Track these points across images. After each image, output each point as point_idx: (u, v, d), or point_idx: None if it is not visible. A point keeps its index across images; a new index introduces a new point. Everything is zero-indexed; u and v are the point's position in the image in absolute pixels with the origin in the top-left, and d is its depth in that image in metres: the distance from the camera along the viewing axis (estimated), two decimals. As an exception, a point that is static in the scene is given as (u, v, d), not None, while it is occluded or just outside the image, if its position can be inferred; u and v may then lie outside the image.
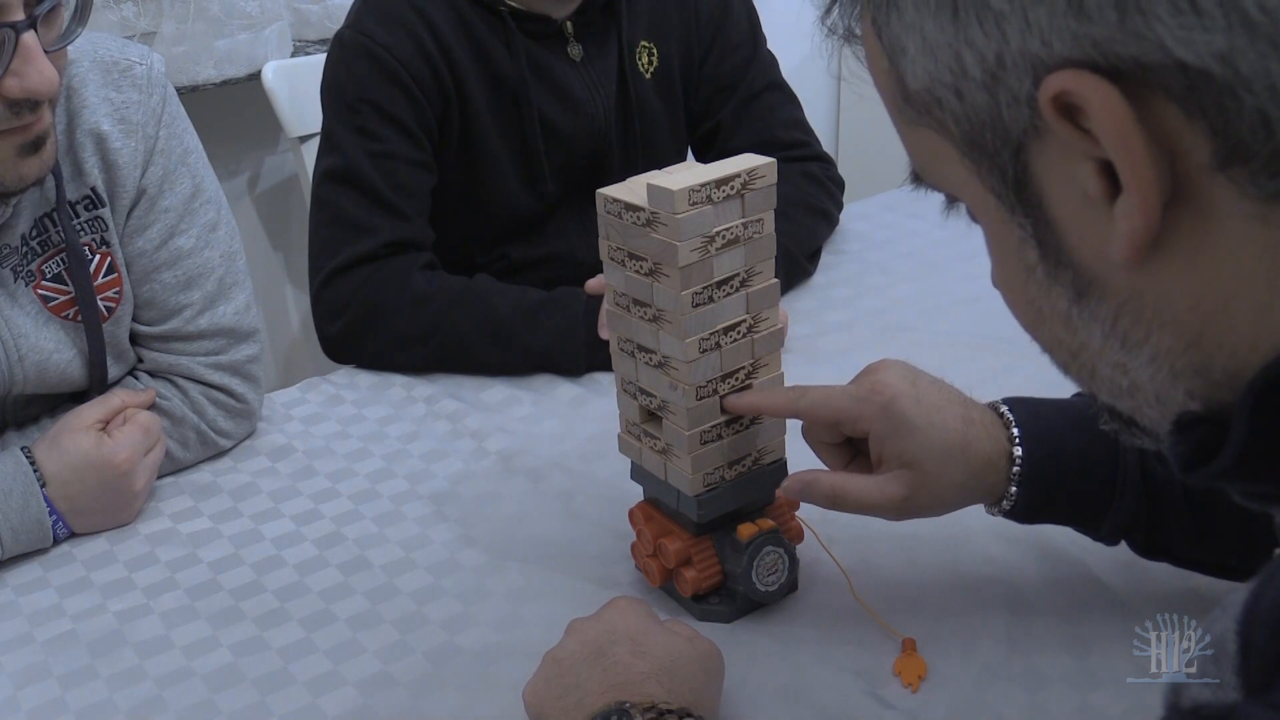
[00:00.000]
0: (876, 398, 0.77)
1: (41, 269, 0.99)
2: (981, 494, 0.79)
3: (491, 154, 1.32)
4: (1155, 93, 0.38)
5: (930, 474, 0.76)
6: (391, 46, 1.24)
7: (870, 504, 0.78)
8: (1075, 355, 0.48)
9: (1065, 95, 0.39)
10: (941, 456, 0.76)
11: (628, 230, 0.77)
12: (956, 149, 0.46)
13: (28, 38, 0.83)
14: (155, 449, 1.02)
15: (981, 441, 0.77)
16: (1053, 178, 0.43)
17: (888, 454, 0.78)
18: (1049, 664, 0.78)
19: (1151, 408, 0.47)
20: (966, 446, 0.77)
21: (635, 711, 0.65)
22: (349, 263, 1.23)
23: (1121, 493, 0.77)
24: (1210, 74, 0.37)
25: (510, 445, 1.09)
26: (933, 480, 0.77)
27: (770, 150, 0.87)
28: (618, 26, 1.35)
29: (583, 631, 0.73)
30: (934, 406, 0.77)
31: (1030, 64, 0.40)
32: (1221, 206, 0.39)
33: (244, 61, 1.74)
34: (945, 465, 0.76)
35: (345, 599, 0.90)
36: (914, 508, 0.78)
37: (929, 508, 0.79)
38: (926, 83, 0.45)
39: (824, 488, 0.79)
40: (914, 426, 0.76)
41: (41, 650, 0.86)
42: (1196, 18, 0.37)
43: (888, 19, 0.45)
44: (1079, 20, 0.39)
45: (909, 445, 0.76)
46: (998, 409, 0.79)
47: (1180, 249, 0.41)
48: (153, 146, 1.03)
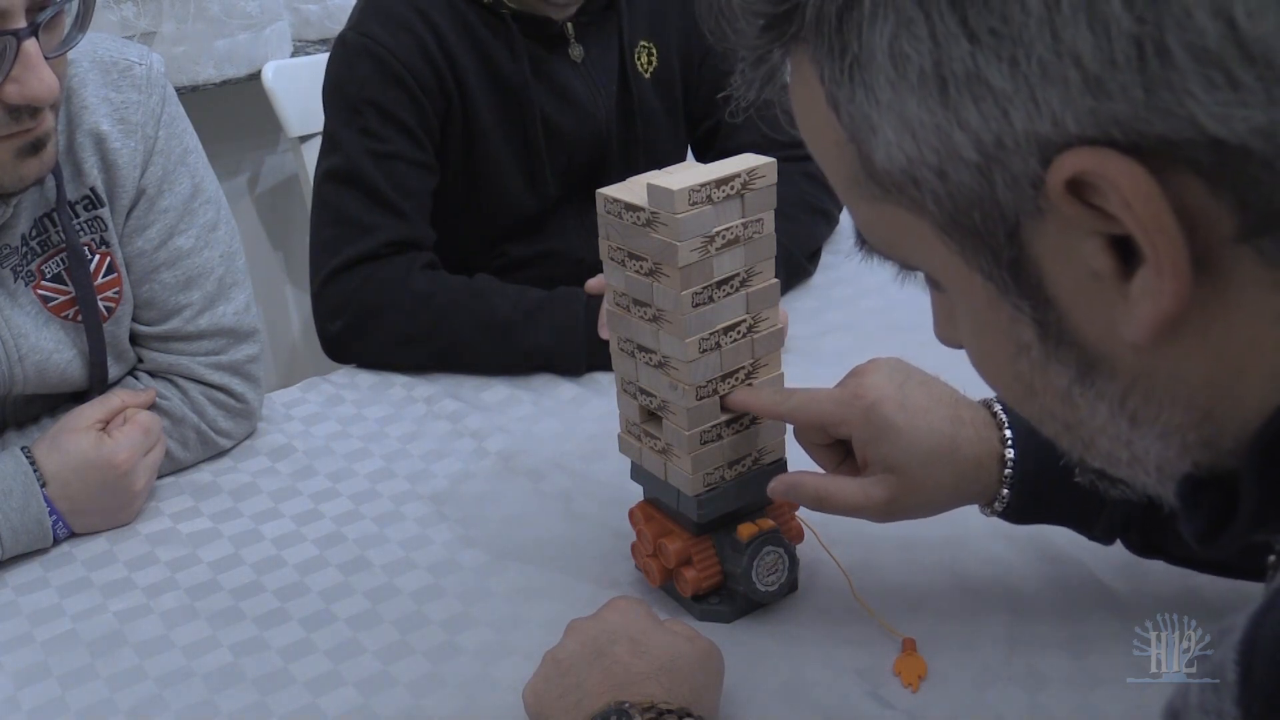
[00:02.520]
0: (859, 402, 0.76)
1: (41, 269, 0.99)
2: (972, 495, 0.78)
3: (493, 154, 1.32)
4: (1178, 167, 0.37)
5: (915, 478, 0.76)
6: (394, 48, 1.24)
7: (855, 506, 0.78)
8: (1071, 428, 0.46)
9: (1083, 175, 0.37)
10: (926, 460, 0.75)
11: (628, 230, 0.77)
12: (934, 228, 0.43)
13: (29, 45, 0.83)
14: (155, 449, 1.02)
15: (971, 443, 0.76)
16: (1054, 256, 0.41)
17: (871, 458, 0.77)
18: (1049, 664, 0.78)
19: (1149, 475, 0.45)
20: (955, 449, 0.76)
21: (635, 711, 0.65)
22: (349, 262, 1.23)
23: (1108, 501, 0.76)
24: (1249, 150, 0.35)
25: (510, 445, 1.09)
26: (918, 484, 0.76)
27: (770, 149, 0.87)
28: (618, 27, 1.35)
29: (583, 631, 0.73)
30: (920, 409, 0.76)
31: (1037, 144, 0.38)
32: (1239, 277, 0.38)
33: (244, 61, 1.74)
34: (930, 469, 0.76)
35: (345, 599, 0.90)
36: (899, 510, 0.77)
37: (916, 510, 0.78)
38: (903, 164, 0.41)
39: (809, 490, 0.79)
40: (897, 431, 0.75)
41: (41, 650, 0.86)
42: (1234, 93, 0.35)
43: (851, 97, 0.42)
44: (1098, 98, 0.36)
45: (892, 450, 0.75)
46: (991, 407, 0.78)
47: (1195, 323, 0.39)
48: (152, 146, 1.03)
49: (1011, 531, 0.92)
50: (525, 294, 1.21)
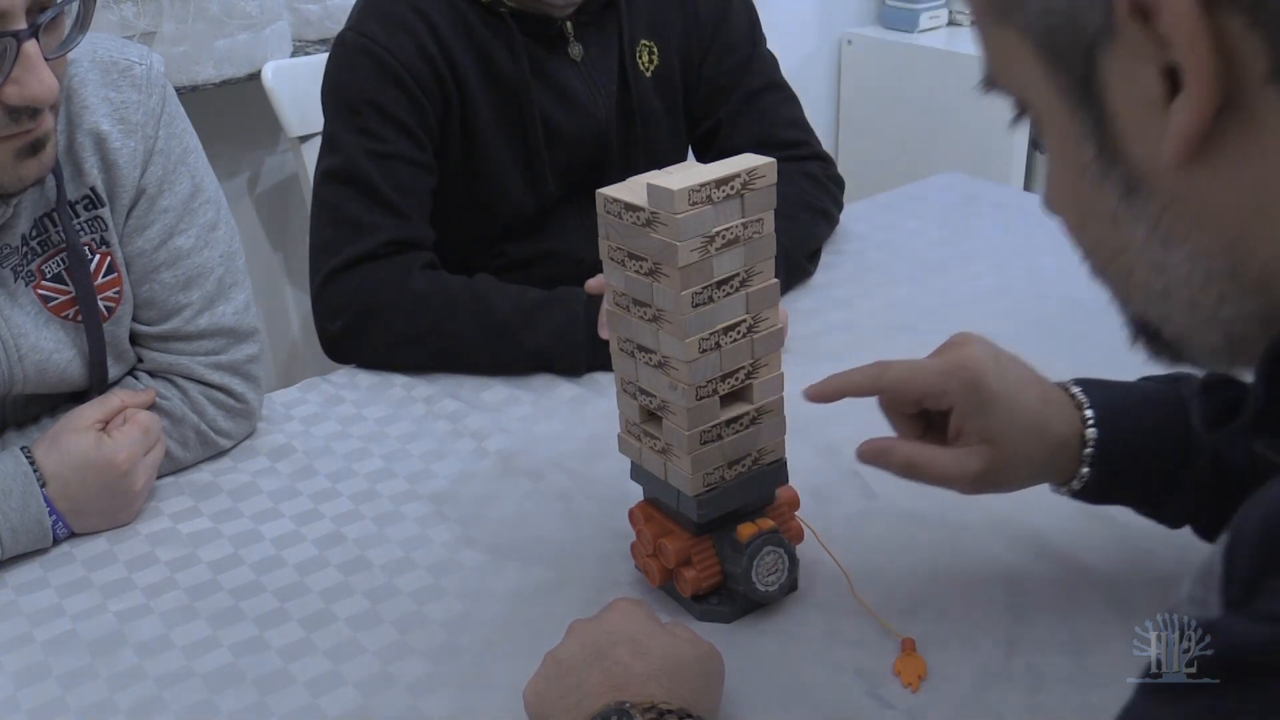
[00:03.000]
0: (963, 373, 0.78)
1: (41, 269, 0.99)
2: (1053, 473, 0.80)
3: (493, 154, 1.32)
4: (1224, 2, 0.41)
5: (1010, 451, 0.78)
6: (393, 48, 1.24)
7: (946, 476, 0.79)
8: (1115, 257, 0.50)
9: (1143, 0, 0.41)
10: (1023, 434, 0.77)
11: (628, 230, 0.77)
12: (1032, 48, 0.48)
13: (29, 46, 0.83)
14: (155, 449, 1.02)
15: (1058, 422, 0.78)
16: (1118, 78, 0.45)
17: (970, 429, 0.78)
18: (1049, 664, 0.78)
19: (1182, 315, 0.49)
20: (1045, 426, 0.78)
21: (635, 711, 0.65)
22: (349, 262, 1.23)
23: (1190, 476, 0.78)
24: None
25: (510, 445, 1.09)
26: (1011, 457, 0.78)
27: (770, 150, 0.87)
28: (618, 26, 1.35)
29: (584, 632, 0.73)
30: (1017, 383, 0.78)
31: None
32: (1270, 117, 0.41)
33: (244, 61, 1.74)
34: (1025, 443, 0.78)
35: (345, 599, 0.90)
36: (988, 483, 0.79)
37: (1003, 483, 0.80)
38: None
39: (900, 456, 0.80)
40: (999, 403, 0.77)
41: (41, 650, 0.86)
42: None
43: None
44: None
45: (993, 422, 0.77)
46: (1069, 390, 0.80)
47: (1227, 155, 0.43)
48: (152, 146, 1.03)
49: (1012, 531, 0.92)
50: (525, 294, 1.21)
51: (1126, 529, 0.91)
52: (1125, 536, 0.90)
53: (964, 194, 1.64)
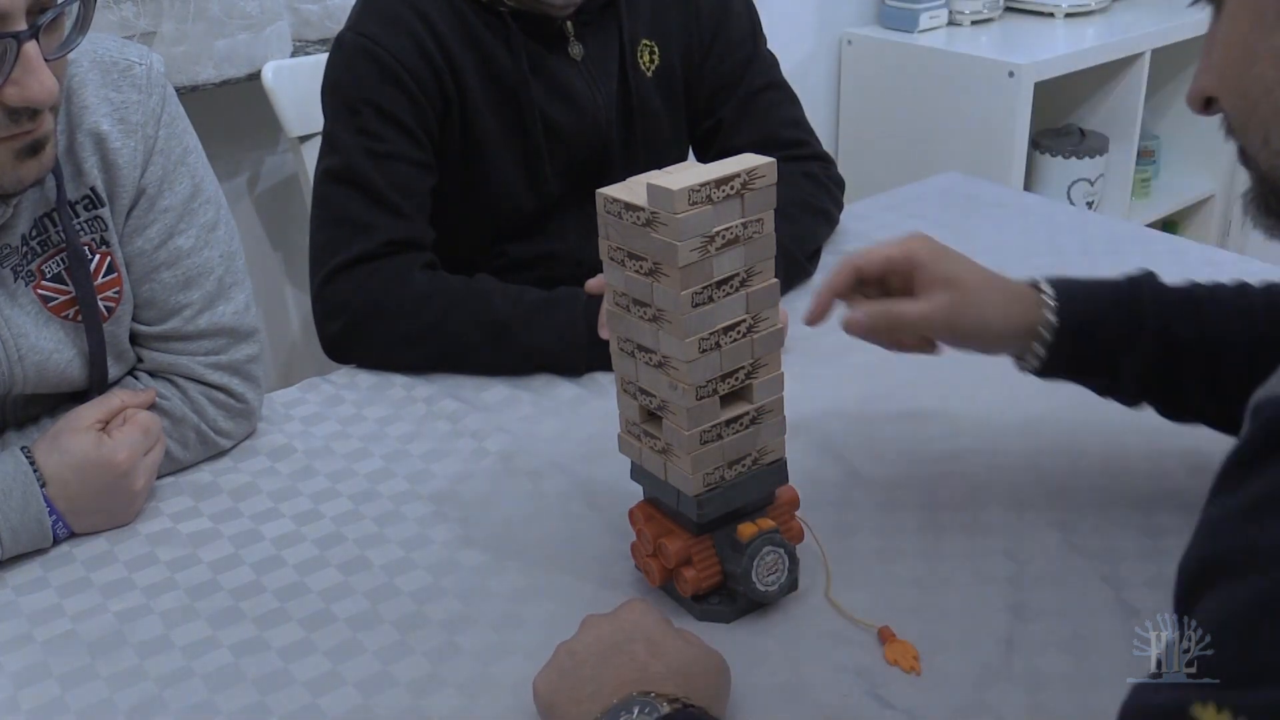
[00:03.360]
0: (920, 237, 0.90)
1: (41, 269, 0.99)
2: (1017, 322, 0.87)
3: (493, 154, 1.32)
4: None
5: (972, 291, 0.87)
6: (392, 48, 1.24)
7: (921, 313, 0.88)
8: (1271, 90, 0.62)
9: None
10: (981, 279, 0.88)
11: (628, 230, 0.77)
12: None
13: (29, 47, 0.83)
14: (155, 449, 1.02)
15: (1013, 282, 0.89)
16: None
17: (932, 276, 0.88)
18: (1049, 664, 0.78)
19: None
20: (1001, 276, 0.89)
21: (661, 701, 0.65)
22: (349, 262, 1.23)
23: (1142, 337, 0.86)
24: None
25: (510, 445, 1.09)
26: (975, 297, 0.87)
27: (770, 149, 0.88)
28: (618, 25, 1.35)
29: (598, 627, 0.74)
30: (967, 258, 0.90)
31: None
32: None
33: (244, 61, 1.73)
34: (985, 287, 0.88)
35: (345, 599, 0.90)
36: (958, 321, 0.88)
37: (968, 325, 0.88)
38: None
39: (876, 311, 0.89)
40: (955, 255, 0.89)
41: (41, 650, 0.86)
42: None
43: None
44: None
45: (953, 265, 0.88)
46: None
47: None
48: (152, 146, 1.03)
49: (1012, 531, 0.92)
50: (525, 294, 1.21)
51: (1126, 529, 0.92)
52: (1125, 537, 0.91)
53: (964, 194, 1.64)
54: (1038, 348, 0.88)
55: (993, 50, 2.42)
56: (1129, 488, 0.97)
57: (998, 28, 2.61)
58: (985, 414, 1.08)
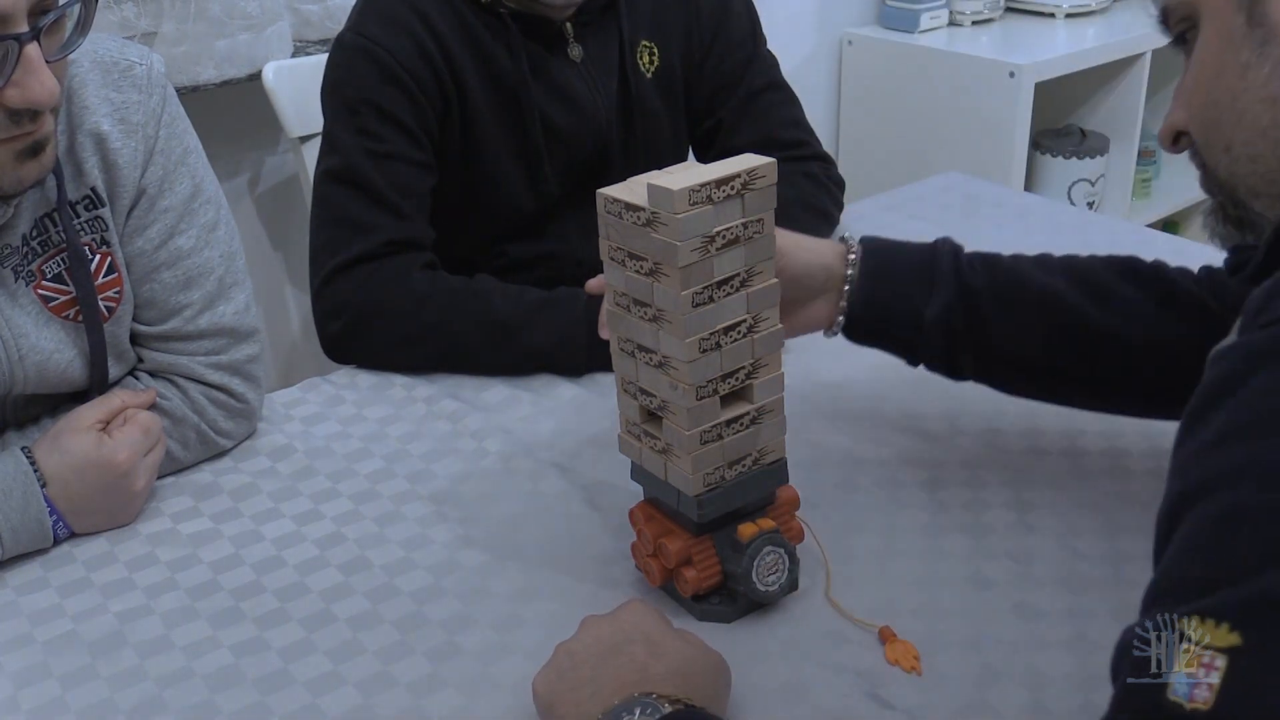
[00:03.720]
0: None
1: (42, 269, 0.99)
2: (823, 259, 0.94)
3: (492, 154, 1.32)
4: None
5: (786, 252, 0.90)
6: (392, 48, 1.24)
7: None
8: (1234, 101, 0.65)
9: None
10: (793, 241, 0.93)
11: (628, 230, 0.77)
12: None
13: (30, 49, 0.83)
14: (155, 449, 1.02)
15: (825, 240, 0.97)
16: None
17: None
18: (1049, 664, 0.78)
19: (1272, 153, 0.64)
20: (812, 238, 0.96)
21: (663, 702, 0.65)
22: (349, 262, 1.23)
23: (941, 283, 0.93)
24: None
25: (510, 445, 1.09)
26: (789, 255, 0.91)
27: (770, 150, 0.87)
28: (618, 26, 1.35)
29: (598, 627, 0.74)
30: None
31: None
32: None
33: (244, 62, 1.73)
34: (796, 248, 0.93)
35: (345, 599, 0.90)
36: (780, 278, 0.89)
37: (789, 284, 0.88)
38: None
39: None
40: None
41: (41, 650, 0.86)
42: None
43: None
44: None
45: None
46: None
47: None
48: (152, 147, 1.03)
49: (1013, 532, 0.92)
50: (525, 294, 1.21)
51: (1126, 530, 0.92)
52: (1127, 538, 0.91)
53: (964, 194, 1.64)
54: (842, 302, 0.94)
55: (993, 50, 2.42)
56: (1130, 489, 0.97)
57: (998, 28, 2.61)
58: (986, 415, 1.08)
